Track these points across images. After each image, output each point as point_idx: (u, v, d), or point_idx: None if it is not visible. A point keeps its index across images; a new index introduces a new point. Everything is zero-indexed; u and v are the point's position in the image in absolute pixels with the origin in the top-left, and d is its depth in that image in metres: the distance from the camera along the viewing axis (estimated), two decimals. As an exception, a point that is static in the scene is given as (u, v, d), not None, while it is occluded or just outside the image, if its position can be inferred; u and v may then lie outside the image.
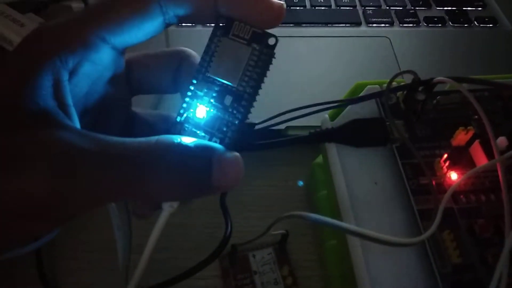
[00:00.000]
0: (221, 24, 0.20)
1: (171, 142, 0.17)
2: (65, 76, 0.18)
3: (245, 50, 0.20)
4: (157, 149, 0.17)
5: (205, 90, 0.20)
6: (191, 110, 0.20)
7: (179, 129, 0.20)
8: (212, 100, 0.20)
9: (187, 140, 0.18)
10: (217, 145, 0.19)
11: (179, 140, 0.18)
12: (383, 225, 0.24)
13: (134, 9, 0.19)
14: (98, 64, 0.20)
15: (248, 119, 0.21)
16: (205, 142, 0.19)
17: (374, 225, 0.24)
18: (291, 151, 0.38)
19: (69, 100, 0.18)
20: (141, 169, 0.17)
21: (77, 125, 0.18)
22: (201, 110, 0.20)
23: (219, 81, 0.20)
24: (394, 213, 0.24)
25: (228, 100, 0.20)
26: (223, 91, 0.20)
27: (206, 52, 0.20)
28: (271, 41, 0.20)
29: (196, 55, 0.24)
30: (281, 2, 0.20)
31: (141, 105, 0.27)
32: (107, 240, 0.26)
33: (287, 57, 0.43)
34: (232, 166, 0.19)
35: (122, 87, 0.23)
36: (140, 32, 0.20)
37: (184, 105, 0.21)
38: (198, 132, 0.20)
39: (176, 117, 0.21)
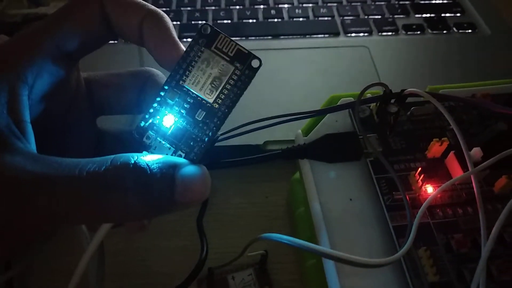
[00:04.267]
0: (204, 33, 0.19)
1: (127, 161, 0.17)
2: (23, 90, 0.18)
3: (227, 67, 0.19)
4: (113, 170, 0.16)
5: (177, 100, 0.19)
6: (158, 117, 0.20)
7: (141, 134, 0.20)
8: (183, 112, 0.19)
9: (146, 157, 0.17)
10: (180, 159, 0.19)
11: (136, 158, 0.17)
12: (358, 243, 0.23)
13: (84, 15, 0.20)
14: (55, 76, 0.19)
15: (217, 135, 0.21)
16: (166, 157, 0.18)
17: (350, 243, 0.23)
18: (271, 167, 0.38)
19: (27, 117, 0.18)
20: (95, 192, 0.16)
21: (32, 143, 0.17)
22: (169, 119, 0.20)
23: (194, 94, 0.19)
24: (370, 230, 0.24)
25: (200, 115, 0.19)
26: (197, 104, 0.19)
27: (183, 58, 0.19)
28: (255, 63, 0.19)
29: (161, 74, 0.23)
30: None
31: (116, 123, 0.26)
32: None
33: (264, 69, 0.42)
34: (197, 181, 0.18)
35: (84, 105, 0.22)
36: (90, 38, 0.20)
37: (151, 110, 0.20)
38: (163, 142, 0.20)
39: (140, 122, 0.20)
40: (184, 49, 0.20)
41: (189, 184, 0.18)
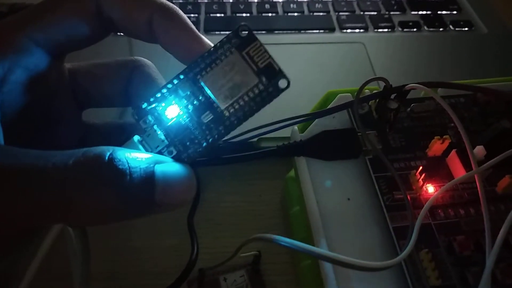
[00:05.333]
0: (240, 34, 0.18)
1: (101, 154, 0.15)
2: None
3: (251, 77, 0.18)
4: (83, 163, 0.14)
5: (188, 93, 0.18)
6: (163, 104, 0.18)
7: (140, 116, 0.18)
8: (190, 108, 0.18)
9: (124, 152, 0.15)
10: (162, 157, 0.17)
11: (111, 151, 0.15)
12: (357, 245, 0.22)
13: (69, 9, 0.18)
14: (32, 71, 0.18)
15: (218, 143, 0.19)
16: (148, 153, 0.17)
17: (347, 245, 0.22)
18: (264, 165, 0.37)
19: None
20: (58, 187, 0.14)
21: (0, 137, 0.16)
22: (173, 110, 0.18)
23: (208, 93, 0.18)
24: (368, 231, 0.23)
25: (206, 117, 0.18)
26: (207, 105, 0.18)
27: (210, 53, 0.18)
28: (282, 83, 0.18)
29: (151, 65, 0.22)
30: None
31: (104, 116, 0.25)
32: (68, 268, 0.24)
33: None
34: (180, 182, 0.17)
35: (67, 98, 0.21)
36: (76, 34, 0.19)
37: (158, 95, 0.18)
38: (158, 132, 0.18)
39: (142, 103, 0.18)
40: (209, 42, 0.18)
41: (171, 184, 0.16)
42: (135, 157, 0.15)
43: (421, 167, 0.23)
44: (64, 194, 0.14)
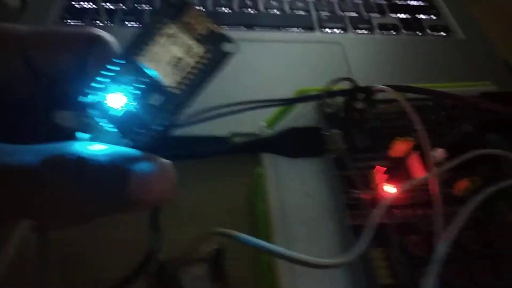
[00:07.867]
0: (171, 1, 0.16)
1: (66, 151, 0.14)
2: None
3: (195, 48, 0.16)
4: (52, 162, 0.14)
5: (128, 77, 0.16)
6: (102, 93, 0.16)
7: (77, 114, 0.16)
8: (134, 92, 0.16)
9: (91, 147, 0.15)
10: (134, 152, 0.16)
11: (74, 146, 0.14)
12: (316, 241, 0.23)
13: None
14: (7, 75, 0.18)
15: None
16: (117, 148, 0.16)
17: (307, 242, 0.22)
18: (233, 161, 0.36)
19: None
20: (23, 185, 0.14)
21: None
22: (116, 98, 0.16)
23: (151, 73, 0.16)
24: (327, 229, 0.23)
25: (156, 99, 0.16)
26: (153, 87, 0.16)
27: (144, 29, 0.16)
28: (229, 47, 0.16)
29: (115, 42, 0.19)
30: None
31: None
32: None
33: (234, 60, 0.41)
34: (159, 177, 0.16)
35: (20, 73, 0.19)
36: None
37: (94, 84, 0.16)
38: (106, 125, 0.16)
39: (78, 96, 0.16)
40: None
41: (149, 182, 0.15)
42: (104, 151, 0.15)
43: (382, 167, 0.23)
44: (33, 193, 0.14)
